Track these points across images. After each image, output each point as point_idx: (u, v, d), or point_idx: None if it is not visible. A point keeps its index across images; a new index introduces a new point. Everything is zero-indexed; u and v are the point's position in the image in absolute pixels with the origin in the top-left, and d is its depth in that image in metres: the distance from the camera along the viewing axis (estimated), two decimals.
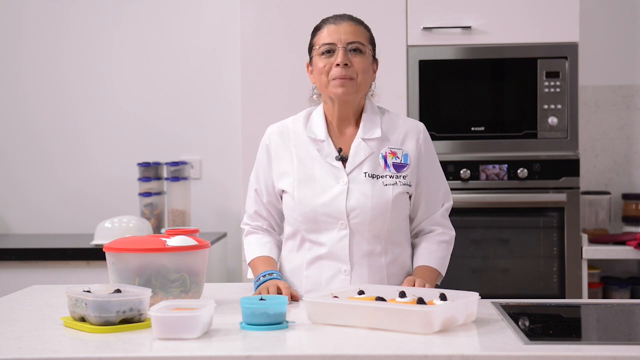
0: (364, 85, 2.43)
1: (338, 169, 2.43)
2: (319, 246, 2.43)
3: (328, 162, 2.43)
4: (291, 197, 2.44)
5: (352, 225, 2.40)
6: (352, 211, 2.39)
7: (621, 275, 4.10)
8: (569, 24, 3.65)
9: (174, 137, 4.30)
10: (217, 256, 3.96)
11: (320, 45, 2.43)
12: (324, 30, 2.44)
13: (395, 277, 2.44)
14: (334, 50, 2.41)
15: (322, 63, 2.42)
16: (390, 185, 2.41)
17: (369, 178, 2.41)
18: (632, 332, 2.13)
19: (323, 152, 2.44)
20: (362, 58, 2.41)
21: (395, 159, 2.44)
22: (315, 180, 2.42)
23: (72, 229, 4.31)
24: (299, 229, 2.46)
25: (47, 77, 4.35)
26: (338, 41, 2.40)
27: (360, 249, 2.41)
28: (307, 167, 2.44)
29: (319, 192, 2.41)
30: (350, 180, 2.41)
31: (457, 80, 3.75)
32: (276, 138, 2.50)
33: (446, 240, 2.50)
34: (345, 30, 2.42)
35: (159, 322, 1.89)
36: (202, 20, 4.30)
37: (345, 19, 2.45)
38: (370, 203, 2.39)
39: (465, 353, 1.76)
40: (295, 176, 2.44)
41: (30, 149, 4.36)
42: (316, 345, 1.88)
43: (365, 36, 2.45)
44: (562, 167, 3.66)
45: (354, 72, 2.40)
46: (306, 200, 2.41)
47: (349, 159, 2.43)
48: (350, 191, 2.40)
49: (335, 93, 2.41)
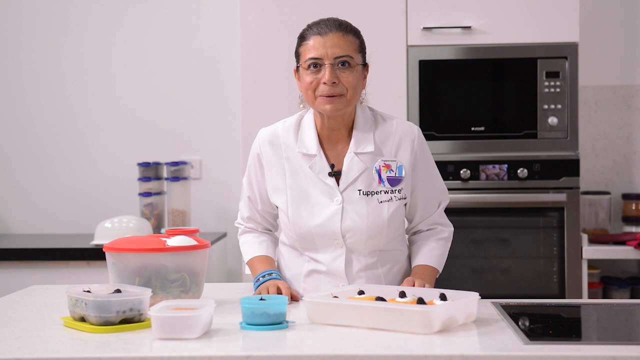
0: (354, 99, 2.35)
1: (331, 187, 2.37)
2: (316, 262, 2.42)
3: (321, 179, 2.38)
4: (285, 216, 2.41)
5: (348, 245, 2.38)
6: (347, 232, 2.36)
7: (621, 275, 4.10)
8: (569, 24, 3.65)
9: (174, 137, 4.30)
10: (217, 256, 3.96)
11: (306, 59, 2.33)
12: (310, 41, 2.33)
13: (393, 283, 2.43)
14: (321, 65, 2.31)
15: (309, 78, 2.32)
16: (385, 202, 2.37)
17: (363, 196, 2.36)
18: (632, 332, 2.14)
19: (315, 168, 2.38)
20: (351, 73, 2.32)
21: (389, 172, 2.38)
22: (308, 198, 2.38)
23: (72, 229, 4.31)
24: (294, 245, 2.44)
25: (47, 77, 4.35)
26: (325, 56, 2.30)
27: (357, 265, 2.39)
28: (300, 184, 2.40)
29: (313, 213, 2.37)
30: (345, 199, 2.37)
31: (457, 80, 3.75)
32: (267, 148, 2.44)
33: (444, 237, 2.48)
34: (333, 43, 2.31)
35: (159, 322, 1.89)
36: (202, 20, 4.30)
37: (332, 29, 2.32)
38: (366, 223, 2.36)
39: (465, 353, 1.76)
40: (289, 194, 2.40)
41: (30, 149, 4.36)
42: (316, 345, 1.88)
43: (353, 46, 2.34)
44: (562, 167, 3.66)
45: (343, 88, 2.31)
46: (301, 221, 2.38)
47: (342, 176, 2.38)
48: (345, 211, 2.36)
49: (324, 110, 2.33)
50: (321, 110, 2.35)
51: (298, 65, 2.40)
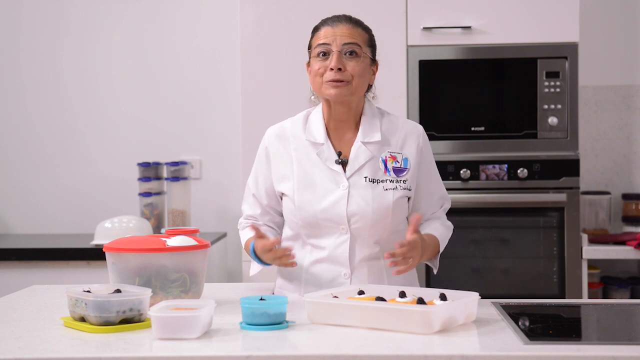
0: (360, 88, 2.40)
1: (338, 173, 2.41)
2: (320, 250, 2.42)
3: (328, 166, 2.42)
4: (291, 201, 2.43)
5: (353, 230, 2.39)
6: (352, 216, 2.38)
7: (621, 275, 4.10)
8: (569, 24, 3.65)
9: (174, 137, 4.30)
10: (217, 256, 3.97)
11: (316, 46, 2.40)
12: (321, 31, 2.41)
13: (395, 279, 2.43)
14: (329, 53, 2.38)
15: (317, 65, 2.39)
16: (390, 189, 2.40)
17: (369, 183, 2.40)
18: (632, 332, 2.14)
19: (323, 156, 2.43)
20: (358, 61, 2.38)
21: (395, 163, 2.42)
22: (315, 184, 2.41)
23: (72, 229, 4.31)
24: (299, 232, 2.45)
25: (47, 76, 4.35)
26: (333, 43, 2.37)
27: (361, 253, 2.41)
28: (307, 171, 2.43)
29: (319, 197, 2.40)
30: (351, 185, 2.40)
31: (457, 80, 3.75)
32: (275, 141, 2.48)
33: (447, 225, 2.51)
34: (342, 32, 2.38)
35: (159, 322, 1.89)
36: (202, 20, 4.30)
37: (343, 21, 2.41)
38: (371, 208, 2.38)
39: (465, 353, 1.76)
40: (296, 180, 2.43)
41: (30, 149, 4.36)
42: (316, 345, 1.88)
43: (362, 38, 2.41)
44: (562, 167, 3.66)
45: (348, 75, 2.37)
46: (307, 205, 2.40)
47: (349, 163, 2.42)
48: (350, 196, 2.39)
49: (329, 94, 2.38)
50: (326, 95, 2.39)
51: (310, 57, 2.45)
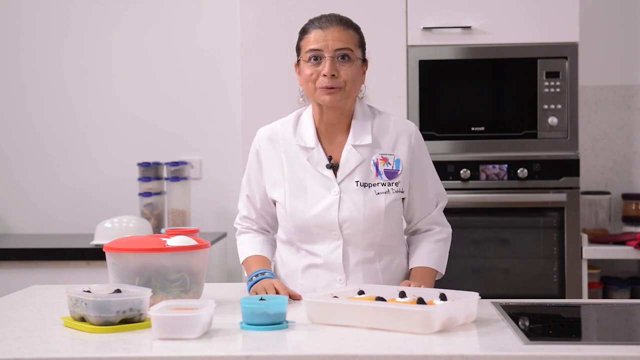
0: (353, 92, 2.38)
1: (329, 178, 2.39)
2: (314, 256, 2.42)
3: (319, 170, 2.40)
4: (283, 208, 2.42)
5: (346, 236, 2.38)
6: (344, 222, 2.37)
7: (621, 275, 4.10)
8: (569, 24, 3.65)
9: (174, 137, 4.30)
10: (217, 256, 3.97)
11: (307, 51, 2.36)
12: (311, 34, 2.37)
13: (390, 281, 2.43)
14: (321, 57, 2.34)
15: (309, 70, 2.35)
16: (382, 193, 2.38)
17: (360, 187, 2.38)
18: (632, 332, 2.14)
19: (313, 161, 2.40)
20: (351, 66, 2.35)
21: (387, 165, 2.40)
22: (306, 190, 2.39)
23: (72, 229, 4.31)
24: (292, 238, 2.45)
25: (47, 76, 4.34)
26: (325, 48, 2.33)
27: (355, 258, 2.39)
28: (298, 177, 2.41)
29: (310, 204, 2.38)
30: (342, 190, 2.38)
31: (457, 80, 3.75)
32: (266, 144, 2.46)
33: (444, 239, 2.49)
34: (333, 36, 2.34)
35: (159, 322, 1.89)
36: (202, 20, 4.30)
37: (333, 23, 2.36)
38: (363, 214, 2.36)
39: (465, 353, 1.76)
40: (287, 186, 2.41)
41: (30, 149, 4.36)
42: (316, 345, 1.87)
43: (354, 40, 2.37)
44: (562, 167, 3.66)
45: (342, 81, 2.34)
46: (298, 212, 2.39)
47: (340, 168, 2.40)
48: (342, 202, 2.37)
49: (323, 101, 2.36)
50: (320, 101, 2.37)
51: (299, 58, 2.42)
